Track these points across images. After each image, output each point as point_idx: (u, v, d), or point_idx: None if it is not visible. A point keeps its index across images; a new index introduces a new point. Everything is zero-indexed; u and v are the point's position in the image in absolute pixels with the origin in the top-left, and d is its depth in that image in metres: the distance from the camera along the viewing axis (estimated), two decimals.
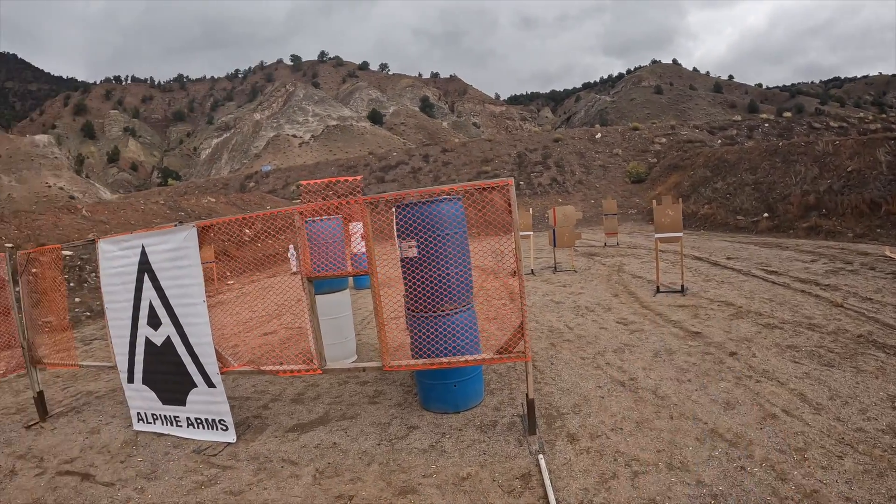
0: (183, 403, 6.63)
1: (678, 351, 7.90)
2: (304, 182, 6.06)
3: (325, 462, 5.53)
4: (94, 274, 21.32)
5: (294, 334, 11.09)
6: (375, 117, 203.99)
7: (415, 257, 6.05)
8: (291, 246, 26.20)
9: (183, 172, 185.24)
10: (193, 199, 41.13)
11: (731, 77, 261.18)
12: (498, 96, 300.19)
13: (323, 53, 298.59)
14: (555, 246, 16.66)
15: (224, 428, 6.39)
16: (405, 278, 6.22)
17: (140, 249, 6.60)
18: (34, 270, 8.94)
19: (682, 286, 11.93)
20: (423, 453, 5.51)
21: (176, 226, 6.34)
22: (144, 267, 6.59)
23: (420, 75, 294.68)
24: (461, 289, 6.16)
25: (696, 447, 5.09)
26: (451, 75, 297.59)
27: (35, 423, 7.94)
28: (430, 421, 6.25)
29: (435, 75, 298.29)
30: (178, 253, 6.30)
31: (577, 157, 50.44)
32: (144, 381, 6.94)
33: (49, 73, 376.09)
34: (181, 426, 6.71)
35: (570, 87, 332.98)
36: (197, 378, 6.44)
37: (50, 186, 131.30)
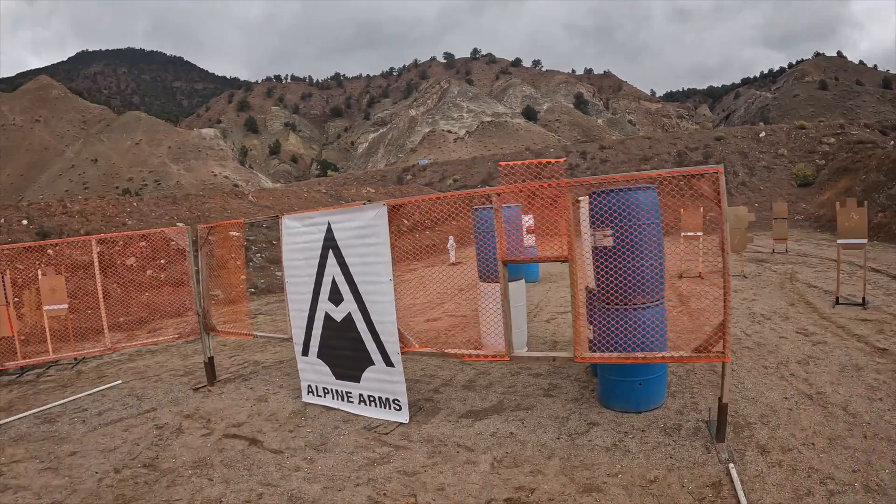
0: (357, 380, 6.66)
1: (866, 367, 7.20)
2: (503, 163, 5.84)
3: (503, 451, 5.36)
4: (259, 254, 22.73)
5: (458, 322, 11.09)
6: (529, 114, 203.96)
7: (609, 247, 5.74)
8: (451, 237, 26.67)
9: (341, 165, 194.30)
10: (353, 189, 42.71)
11: None
12: (653, 93, 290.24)
13: (475, 51, 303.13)
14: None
15: (397, 408, 6.35)
16: (596, 268, 5.92)
17: (326, 226, 6.69)
18: (211, 239, 9.37)
19: (864, 299, 10.83)
20: (607, 451, 5.26)
21: (365, 204, 6.36)
22: (329, 243, 6.67)
23: (573, 71, 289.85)
24: (654, 282, 5.79)
25: (894, 471, 4.61)
26: (604, 71, 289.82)
27: (203, 386, 8.48)
28: (611, 419, 5.97)
29: (588, 71, 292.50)
30: (365, 230, 6.32)
31: (739, 157, 47.54)
32: (319, 356, 7.04)
33: (213, 73, 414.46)
34: (352, 402, 6.76)
35: (728, 83, 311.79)
36: (375, 356, 6.44)
37: (216, 175, 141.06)
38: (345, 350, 6.73)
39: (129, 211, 23.42)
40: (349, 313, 6.61)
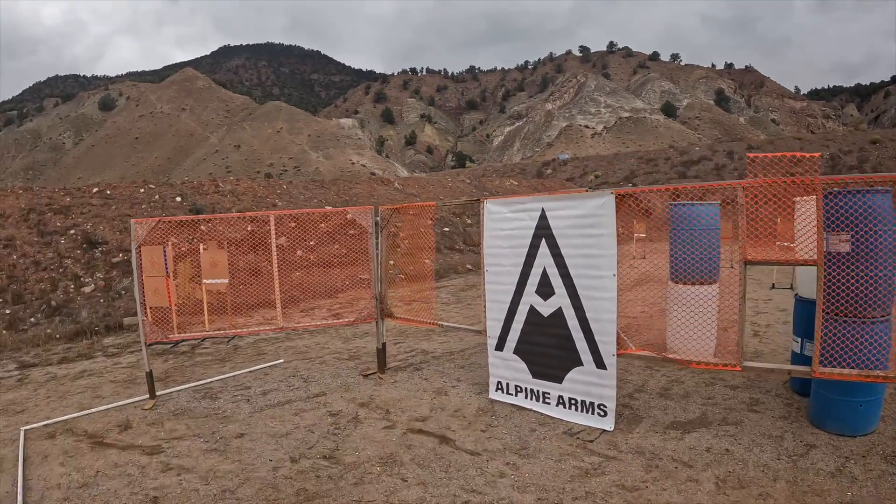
0: (559, 381, 6.15)
1: None
2: (750, 154, 4.98)
3: (724, 470, 4.83)
4: (406, 242, 22.26)
5: (631, 322, 10.21)
6: (669, 110, 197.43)
7: (845, 253, 5.09)
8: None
9: (476, 157, 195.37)
10: (497, 181, 42.57)
11: None
12: (798, 90, 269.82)
13: (612, 44, 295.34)
14: None
15: (602, 413, 5.81)
16: (828, 275, 5.16)
17: (539, 213, 6.19)
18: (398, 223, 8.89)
19: None
20: (832, 477, 4.68)
21: (588, 191, 5.91)
22: (543, 232, 6.17)
23: (713, 66, 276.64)
24: (888, 294, 5.14)
25: None
26: (746, 66, 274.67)
27: (373, 373, 7.88)
28: (826, 441, 5.35)
29: (729, 66, 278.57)
30: (588, 220, 5.80)
31: None
32: (517, 352, 6.54)
33: (349, 66, 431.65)
34: (549, 403, 6.24)
35: (876, 80, 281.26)
36: (585, 356, 5.91)
37: (353, 163, 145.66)
38: (549, 348, 6.21)
39: (279, 193, 23.93)
40: (559, 308, 6.08)
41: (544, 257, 6.15)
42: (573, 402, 6.04)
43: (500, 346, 6.68)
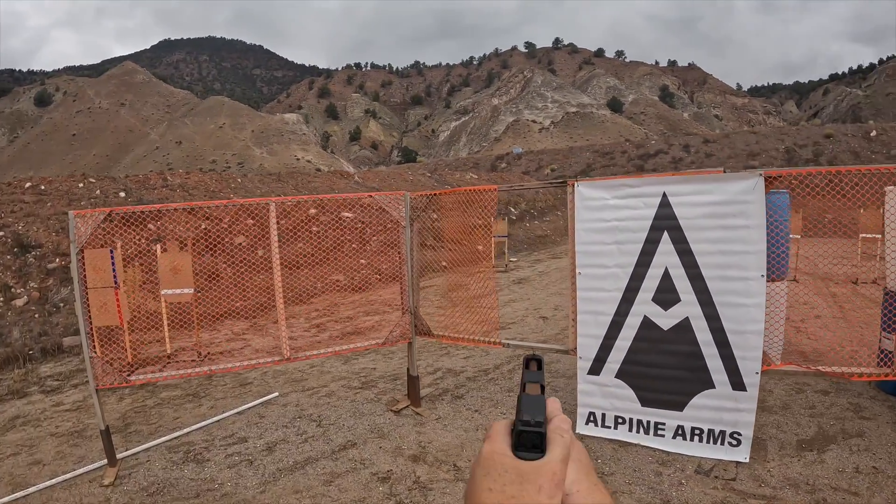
0: (680, 408, 5.08)
1: None
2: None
3: (889, 492, 4.29)
4: (375, 238, 20.79)
5: None
6: (615, 105, 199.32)
7: None
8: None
9: (422, 152, 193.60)
10: (457, 174, 41.29)
11: None
12: (739, 86, 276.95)
13: (557, 40, 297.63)
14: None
15: (735, 443, 4.90)
16: None
17: (659, 199, 5.00)
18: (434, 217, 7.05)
19: None
20: None
21: (725, 171, 4.84)
22: (665, 223, 4.99)
23: (657, 63, 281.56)
24: None
25: None
26: (689, 63, 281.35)
27: (405, 407, 6.10)
28: None
29: (672, 63, 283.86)
30: (728, 208, 4.78)
31: (851, 156, 45.14)
32: (621, 375, 5.30)
33: (292, 62, 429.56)
34: (662, 436, 5.16)
35: (815, 79, 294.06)
36: (718, 376, 4.90)
37: (298, 159, 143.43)
38: (668, 369, 5.11)
39: (234, 187, 21.95)
40: (686, 319, 4.96)
41: (666, 255, 4.97)
42: (697, 432, 5.05)
43: (596, 369, 5.37)
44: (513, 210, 28.48)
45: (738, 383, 4.86)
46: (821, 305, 10.14)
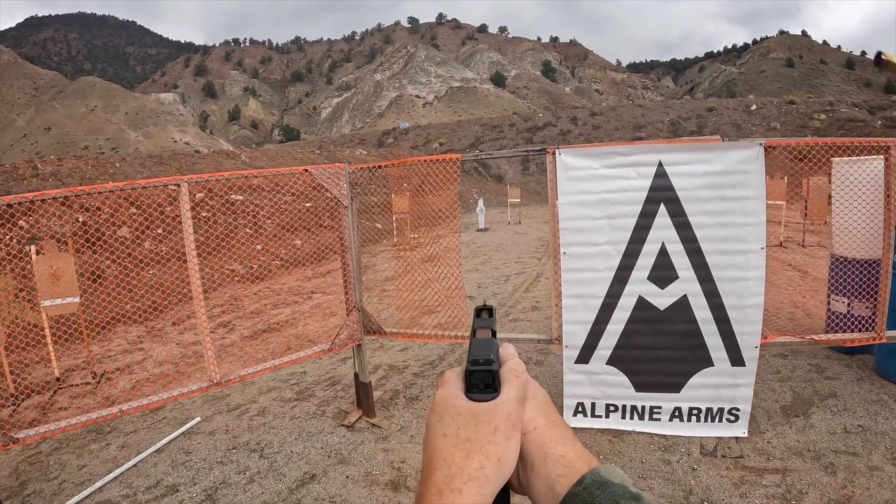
0: (677, 389, 4.89)
1: None
2: None
3: (885, 447, 4.48)
4: (269, 221, 19.72)
5: None
6: (498, 80, 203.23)
7: None
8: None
9: (304, 130, 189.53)
10: (347, 151, 40.50)
11: (863, 53, 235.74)
12: (619, 62, 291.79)
13: (441, 16, 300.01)
14: (805, 219, 15.12)
15: (732, 419, 4.87)
16: None
17: (654, 169, 4.62)
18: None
19: None
20: None
21: (724, 140, 4.67)
22: (661, 194, 4.63)
23: (539, 39, 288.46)
24: None
25: None
26: (570, 40, 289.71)
27: (358, 419, 5.28)
28: None
29: (554, 39, 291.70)
30: (727, 178, 4.57)
31: (733, 128, 48.08)
32: (612, 361, 4.97)
33: (167, 38, 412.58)
34: (658, 420, 4.98)
35: (691, 56, 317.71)
36: (717, 353, 4.73)
37: (176, 141, 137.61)
38: (664, 350, 4.85)
39: (112, 172, 20.20)
40: (683, 297, 4.70)
41: (663, 230, 4.62)
42: (694, 412, 4.93)
43: (584, 357, 5.00)
44: (405, 185, 27.97)
45: (737, 359, 4.73)
46: None
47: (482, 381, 0.62)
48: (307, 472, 4.38)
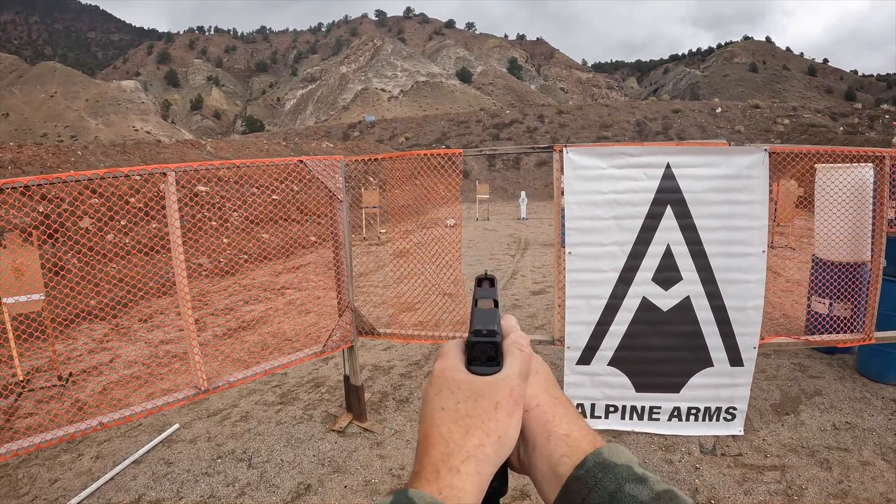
0: (677, 389, 4.97)
1: None
2: None
3: (873, 443, 4.66)
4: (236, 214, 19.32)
5: None
6: (464, 76, 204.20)
7: None
8: (523, 192, 26.06)
9: (267, 121, 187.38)
10: (314, 143, 39.93)
11: (825, 61, 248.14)
12: (585, 62, 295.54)
13: (409, 10, 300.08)
14: (775, 221, 14.93)
15: (729, 417, 5.01)
16: None
17: (662, 171, 4.65)
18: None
19: None
20: None
21: (732, 144, 4.69)
22: (668, 196, 4.66)
23: (506, 36, 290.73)
24: None
25: None
26: (537, 38, 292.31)
27: (349, 423, 5.11)
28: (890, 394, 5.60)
29: (521, 37, 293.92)
30: (733, 182, 4.63)
31: (698, 130, 48.75)
32: (614, 363, 5.00)
33: (131, 24, 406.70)
34: (657, 420, 5.07)
35: (655, 58, 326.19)
36: (717, 354, 4.83)
37: (137, 130, 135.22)
38: (665, 351, 4.90)
39: (74, 161, 19.56)
40: (686, 298, 4.77)
41: (669, 231, 4.68)
42: (693, 412, 5.03)
43: (586, 358, 5.01)
44: (371, 180, 27.71)
45: (736, 359, 4.84)
46: None
47: (485, 354, 0.60)
48: (301, 483, 4.19)
